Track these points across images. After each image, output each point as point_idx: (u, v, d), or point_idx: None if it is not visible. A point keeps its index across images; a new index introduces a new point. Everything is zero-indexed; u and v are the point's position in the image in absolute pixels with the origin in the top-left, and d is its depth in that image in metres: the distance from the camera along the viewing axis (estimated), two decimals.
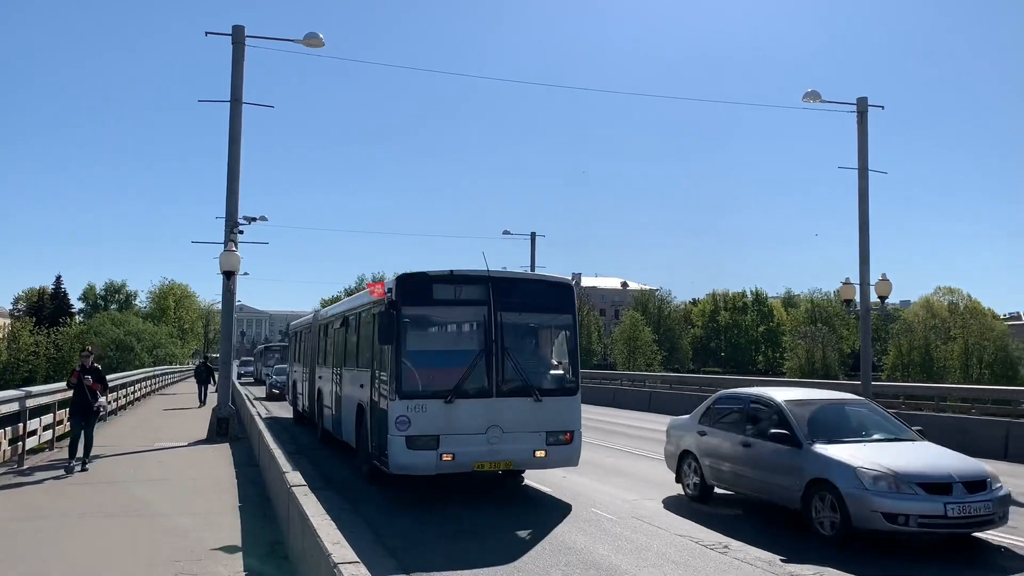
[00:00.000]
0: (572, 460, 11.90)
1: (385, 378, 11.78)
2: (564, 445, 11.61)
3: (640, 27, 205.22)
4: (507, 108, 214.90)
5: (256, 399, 32.42)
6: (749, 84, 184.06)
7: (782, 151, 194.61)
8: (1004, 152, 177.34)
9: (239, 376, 51.67)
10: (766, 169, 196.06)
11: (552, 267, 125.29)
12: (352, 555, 5.25)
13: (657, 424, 20.17)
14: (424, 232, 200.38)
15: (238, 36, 19.89)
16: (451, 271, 11.76)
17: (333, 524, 6.18)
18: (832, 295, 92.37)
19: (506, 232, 46.48)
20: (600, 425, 23.78)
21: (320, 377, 19.65)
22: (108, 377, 25.61)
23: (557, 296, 12.32)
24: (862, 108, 22.26)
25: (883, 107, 23.30)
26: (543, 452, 11.50)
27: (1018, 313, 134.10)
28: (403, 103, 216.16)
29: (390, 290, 11.61)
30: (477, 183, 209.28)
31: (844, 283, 23.88)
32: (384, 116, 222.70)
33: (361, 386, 13.61)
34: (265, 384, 41.43)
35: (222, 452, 16.54)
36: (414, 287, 11.55)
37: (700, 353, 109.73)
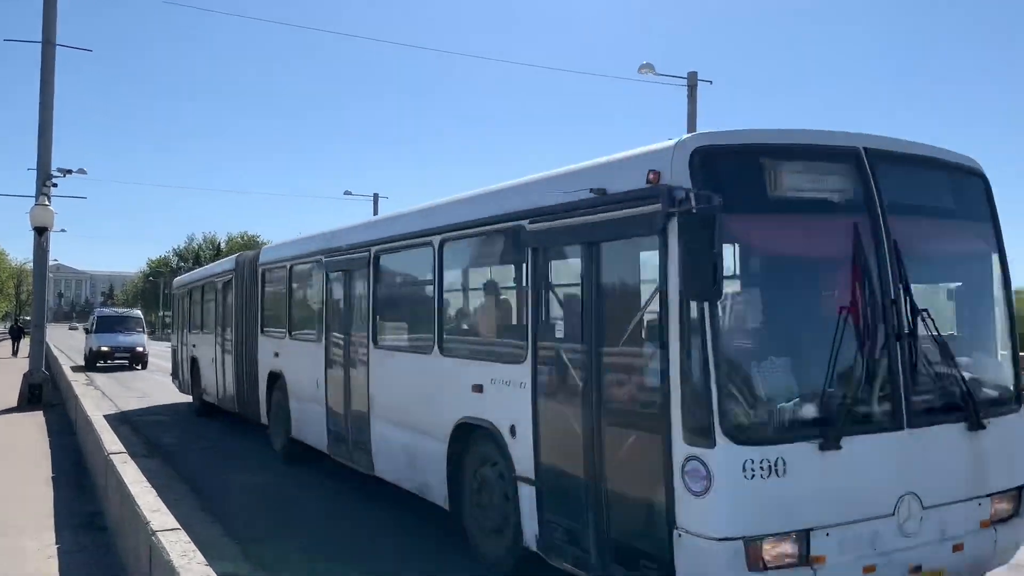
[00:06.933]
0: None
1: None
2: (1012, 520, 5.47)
3: None
4: (354, 68, 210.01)
5: None
6: (590, 53, 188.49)
7: (617, 122, 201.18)
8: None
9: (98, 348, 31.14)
10: (598, 138, 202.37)
11: None
12: (173, 522, 5.10)
13: None
14: (258, 190, 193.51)
15: None
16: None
17: (153, 491, 5.96)
18: None
19: (347, 192, 45.75)
20: None
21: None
22: None
23: (970, 196, 5.82)
24: (692, 82, 23.29)
25: (711, 82, 24.48)
26: (989, 540, 5.29)
27: None
28: (239, 55, 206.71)
29: (659, 172, 4.80)
30: (317, 143, 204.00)
31: None
32: (218, 68, 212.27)
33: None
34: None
35: (34, 420, 15.46)
36: (732, 168, 4.85)
37: None
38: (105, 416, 11.01)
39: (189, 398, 17.98)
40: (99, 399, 18.94)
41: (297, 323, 11.40)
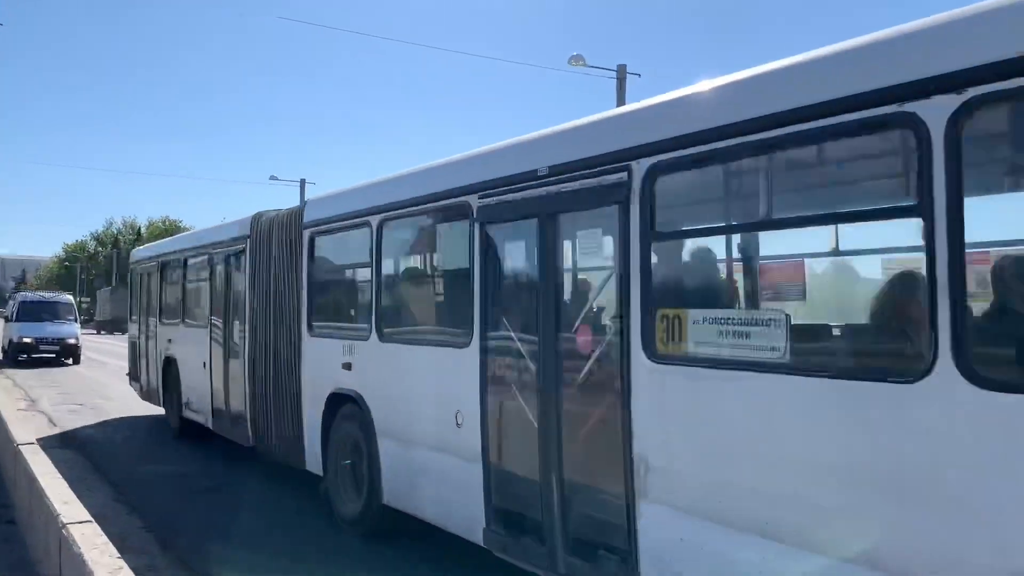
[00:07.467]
0: None
1: None
2: None
3: None
4: (279, 50, 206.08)
5: None
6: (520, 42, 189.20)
7: (549, 111, 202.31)
8: None
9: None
10: (529, 126, 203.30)
11: None
12: (85, 514, 4.96)
13: None
14: (178, 174, 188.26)
15: None
16: None
17: (64, 482, 5.78)
18: None
19: (273, 177, 44.86)
20: None
21: None
22: None
23: None
24: (621, 75, 23.56)
25: (640, 75, 24.83)
26: None
27: None
28: (157, 33, 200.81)
29: None
30: (239, 127, 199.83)
31: None
32: (134, 45, 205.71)
33: None
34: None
35: None
36: None
37: None
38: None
39: (151, 407, 13.80)
40: (11, 388, 18.26)
41: (398, 316, 7.21)
